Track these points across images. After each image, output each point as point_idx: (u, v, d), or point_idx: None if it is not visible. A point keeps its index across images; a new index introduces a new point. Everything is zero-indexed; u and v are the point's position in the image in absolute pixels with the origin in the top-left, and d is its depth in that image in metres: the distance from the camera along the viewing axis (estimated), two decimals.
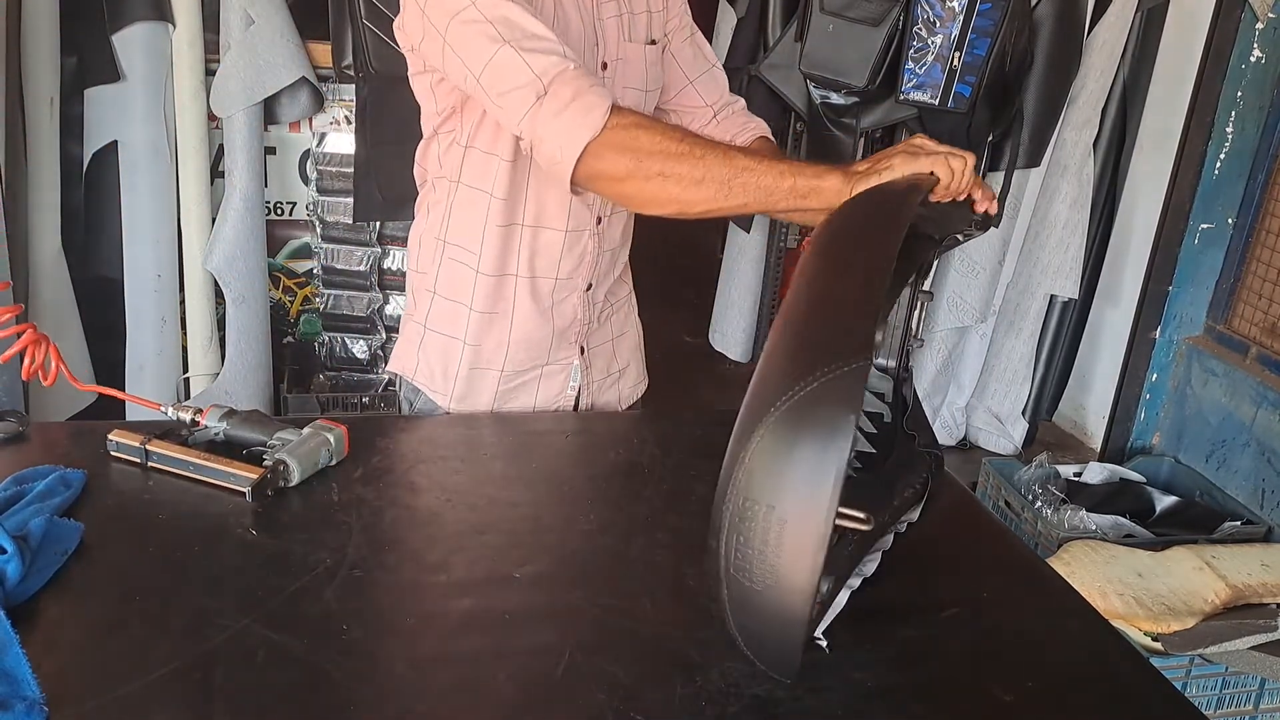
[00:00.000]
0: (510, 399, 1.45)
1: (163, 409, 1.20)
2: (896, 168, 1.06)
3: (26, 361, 1.18)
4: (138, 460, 1.13)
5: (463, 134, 1.32)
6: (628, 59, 1.34)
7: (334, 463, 1.16)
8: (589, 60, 1.29)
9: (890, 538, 1.07)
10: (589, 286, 1.44)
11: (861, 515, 0.77)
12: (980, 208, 1.13)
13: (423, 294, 1.44)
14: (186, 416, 1.18)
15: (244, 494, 1.07)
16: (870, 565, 1.02)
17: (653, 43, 1.39)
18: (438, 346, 1.43)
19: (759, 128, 1.49)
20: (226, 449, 1.16)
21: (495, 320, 1.40)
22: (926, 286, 1.16)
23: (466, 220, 1.36)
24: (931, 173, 1.05)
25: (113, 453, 1.14)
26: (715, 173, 1.09)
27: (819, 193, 1.08)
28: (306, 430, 1.15)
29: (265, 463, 1.10)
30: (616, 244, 1.46)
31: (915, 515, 1.12)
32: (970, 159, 1.07)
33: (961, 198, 1.11)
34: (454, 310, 1.40)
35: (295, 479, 1.11)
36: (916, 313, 1.13)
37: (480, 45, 1.12)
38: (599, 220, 1.40)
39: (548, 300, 1.41)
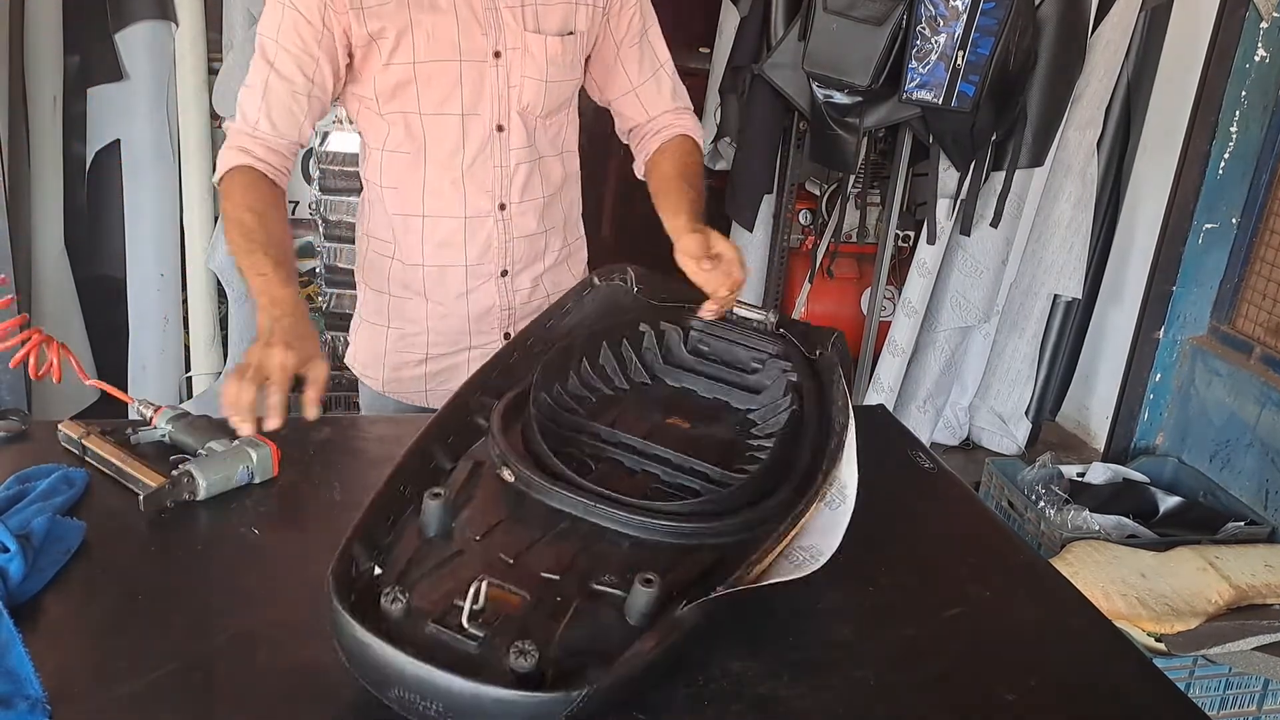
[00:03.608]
0: (441, 382, 1.51)
1: (134, 403, 1.21)
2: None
3: (33, 362, 1.18)
4: (76, 452, 1.13)
5: (365, 133, 1.43)
6: (527, 49, 1.36)
7: (255, 480, 1.10)
8: (481, 48, 1.33)
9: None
10: (504, 273, 1.47)
11: None
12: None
13: (359, 287, 1.58)
14: (148, 413, 1.19)
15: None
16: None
17: (570, 34, 1.39)
18: (368, 334, 1.56)
19: (683, 127, 1.51)
20: (171, 450, 1.15)
21: (411, 305, 1.49)
22: None
23: (378, 213, 1.47)
24: None
25: (61, 443, 1.15)
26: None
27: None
28: (235, 444, 1.10)
29: (173, 473, 1.06)
30: (535, 231, 1.47)
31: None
32: None
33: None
34: (378, 299, 1.52)
35: (201, 494, 1.06)
36: None
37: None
38: (502, 207, 1.43)
39: (460, 286, 1.46)
